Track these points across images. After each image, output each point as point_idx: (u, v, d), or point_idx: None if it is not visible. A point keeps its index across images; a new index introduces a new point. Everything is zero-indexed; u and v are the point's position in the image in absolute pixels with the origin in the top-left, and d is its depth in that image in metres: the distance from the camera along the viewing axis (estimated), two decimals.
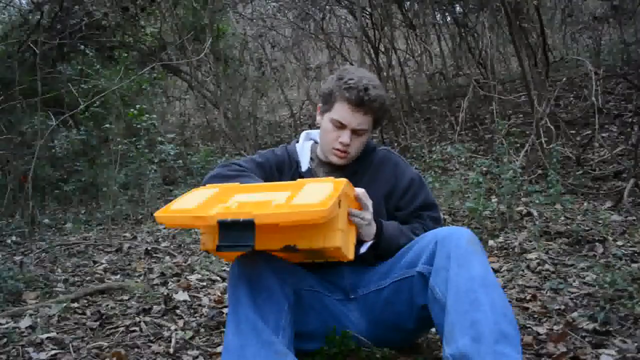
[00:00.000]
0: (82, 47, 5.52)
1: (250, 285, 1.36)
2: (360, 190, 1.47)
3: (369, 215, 1.48)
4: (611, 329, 1.72)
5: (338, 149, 1.61)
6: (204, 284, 2.53)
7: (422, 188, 1.70)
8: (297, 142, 1.79)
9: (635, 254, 2.39)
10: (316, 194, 1.26)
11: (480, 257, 1.35)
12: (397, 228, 1.59)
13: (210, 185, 1.48)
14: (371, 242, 1.53)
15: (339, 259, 1.41)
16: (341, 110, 1.59)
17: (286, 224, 1.24)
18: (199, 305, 2.26)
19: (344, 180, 1.37)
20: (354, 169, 1.68)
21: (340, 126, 1.60)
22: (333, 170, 1.68)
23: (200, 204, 1.32)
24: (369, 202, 1.49)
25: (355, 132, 1.60)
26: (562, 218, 2.99)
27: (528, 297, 2.08)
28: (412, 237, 1.58)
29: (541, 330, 1.78)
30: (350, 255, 1.41)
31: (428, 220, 1.67)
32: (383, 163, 1.71)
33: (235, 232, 1.20)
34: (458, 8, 6.24)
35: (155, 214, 1.32)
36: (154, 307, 2.21)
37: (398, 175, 1.69)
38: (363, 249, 1.53)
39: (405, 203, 1.67)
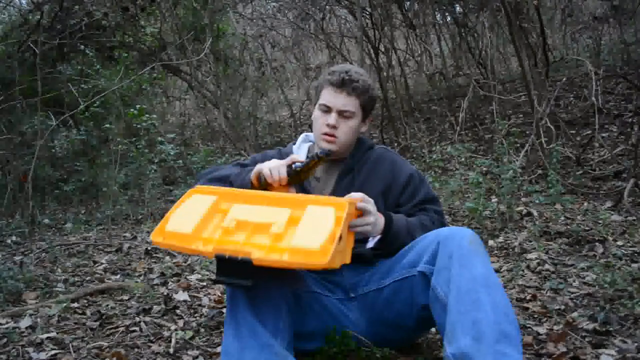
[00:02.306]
0: (82, 47, 5.51)
1: (248, 288, 1.36)
2: (358, 196, 1.44)
3: (371, 218, 1.45)
4: (611, 329, 1.73)
5: (326, 133, 1.64)
6: (204, 284, 2.53)
7: (422, 183, 1.70)
8: (294, 144, 1.80)
9: (635, 254, 2.40)
10: (316, 233, 1.22)
11: (482, 257, 1.35)
12: (404, 218, 1.58)
13: (207, 188, 1.46)
14: (379, 236, 1.52)
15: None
16: (326, 94, 1.65)
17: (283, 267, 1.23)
18: (199, 305, 2.26)
19: (345, 204, 1.32)
20: (350, 166, 1.68)
21: (327, 109, 1.65)
22: (329, 167, 1.69)
23: (196, 224, 1.29)
24: (370, 205, 1.46)
25: (341, 115, 1.63)
26: (562, 218, 2.99)
27: (528, 297, 2.08)
28: (421, 226, 1.57)
29: (541, 330, 1.78)
30: (347, 260, 1.40)
31: (432, 213, 1.66)
32: (380, 161, 1.71)
33: (232, 267, 1.22)
34: (458, 8, 6.25)
35: (151, 236, 1.33)
36: (154, 307, 2.21)
37: (395, 172, 1.69)
38: (371, 244, 1.52)
39: (406, 199, 1.67)
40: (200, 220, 1.31)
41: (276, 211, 1.31)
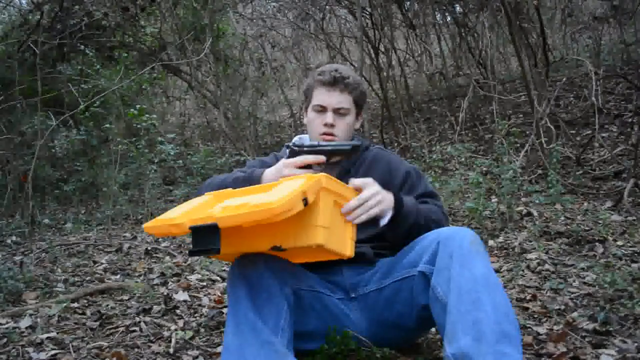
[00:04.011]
0: (82, 47, 5.52)
1: (249, 286, 1.37)
2: (358, 182, 1.46)
3: (376, 187, 1.45)
4: (611, 329, 1.72)
5: (324, 133, 1.65)
6: (204, 284, 2.53)
7: (420, 179, 1.71)
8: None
9: (635, 254, 2.40)
10: (281, 192, 1.26)
11: (483, 258, 1.35)
12: (411, 198, 1.58)
13: (207, 193, 1.50)
14: (391, 214, 1.49)
15: (338, 256, 1.40)
16: (319, 94, 1.68)
17: (248, 224, 1.23)
18: (199, 305, 2.26)
19: (319, 174, 1.35)
20: (346, 167, 1.69)
21: (322, 109, 1.67)
22: (325, 169, 1.68)
23: (185, 212, 1.33)
24: (367, 180, 1.47)
25: (336, 112, 1.66)
26: (562, 218, 2.99)
27: (528, 297, 2.08)
28: (427, 209, 1.57)
29: (541, 330, 1.78)
30: (348, 252, 1.39)
31: (433, 206, 1.64)
32: (376, 161, 1.72)
33: (203, 236, 1.24)
34: (458, 8, 6.24)
35: (144, 226, 1.36)
36: (154, 307, 2.21)
37: (392, 171, 1.69)
38: (384, 221, 1.49)
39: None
40: (190, 209, 1.35)
41: (259, 195, 1.32)
